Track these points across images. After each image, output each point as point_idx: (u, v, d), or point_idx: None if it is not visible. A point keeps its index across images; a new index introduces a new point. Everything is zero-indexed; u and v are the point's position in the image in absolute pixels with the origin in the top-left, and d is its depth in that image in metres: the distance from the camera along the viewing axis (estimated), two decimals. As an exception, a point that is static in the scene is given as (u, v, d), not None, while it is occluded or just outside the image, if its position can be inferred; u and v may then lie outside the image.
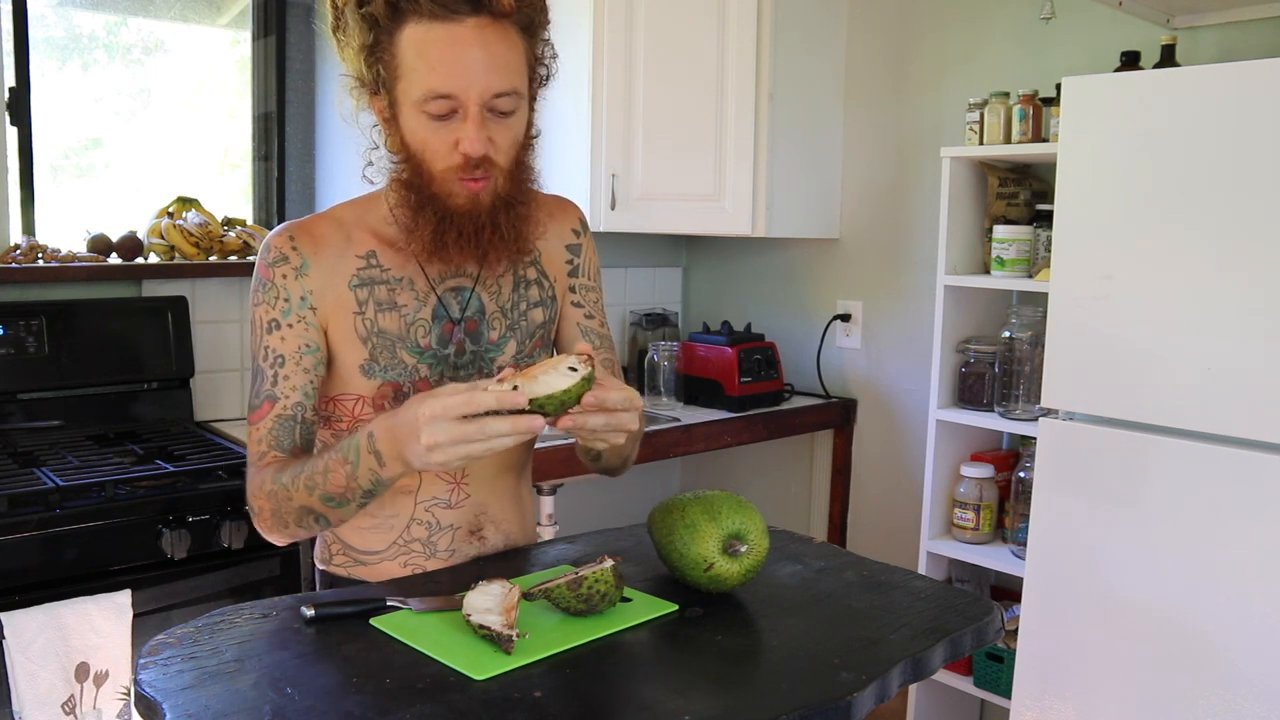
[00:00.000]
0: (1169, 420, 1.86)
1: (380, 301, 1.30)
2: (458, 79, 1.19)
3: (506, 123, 1.24)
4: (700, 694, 1.00)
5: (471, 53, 1.19)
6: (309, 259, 1.28)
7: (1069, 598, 2.00)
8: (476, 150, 1.21)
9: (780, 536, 1.44)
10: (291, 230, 1.30)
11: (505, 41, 1.21)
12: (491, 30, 1.20)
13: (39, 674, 1.78)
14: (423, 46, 1.19)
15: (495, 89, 1.20)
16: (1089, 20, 2.44)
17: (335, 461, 1.19)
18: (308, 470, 1.21)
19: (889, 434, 2.96)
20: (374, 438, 1.16)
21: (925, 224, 2.79)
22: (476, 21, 1.19)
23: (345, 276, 1.29)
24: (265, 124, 3.11)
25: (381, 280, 1.31)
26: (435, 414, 1.07)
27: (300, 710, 0.95)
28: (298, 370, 1.27)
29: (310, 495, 1.21)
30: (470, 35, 1.18)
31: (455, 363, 1.34)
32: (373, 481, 1.19)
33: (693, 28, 2.70)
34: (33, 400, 2.33)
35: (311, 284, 1.28)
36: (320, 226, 1.31)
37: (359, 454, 1.18)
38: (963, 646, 1.17)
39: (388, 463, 1.16)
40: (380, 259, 1.31)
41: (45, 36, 2.71)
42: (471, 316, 1.35)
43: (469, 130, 1.20)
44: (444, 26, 1.18)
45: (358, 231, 1.32)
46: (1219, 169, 1.78)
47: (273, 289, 1.28)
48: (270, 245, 1.29)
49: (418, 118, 1.22)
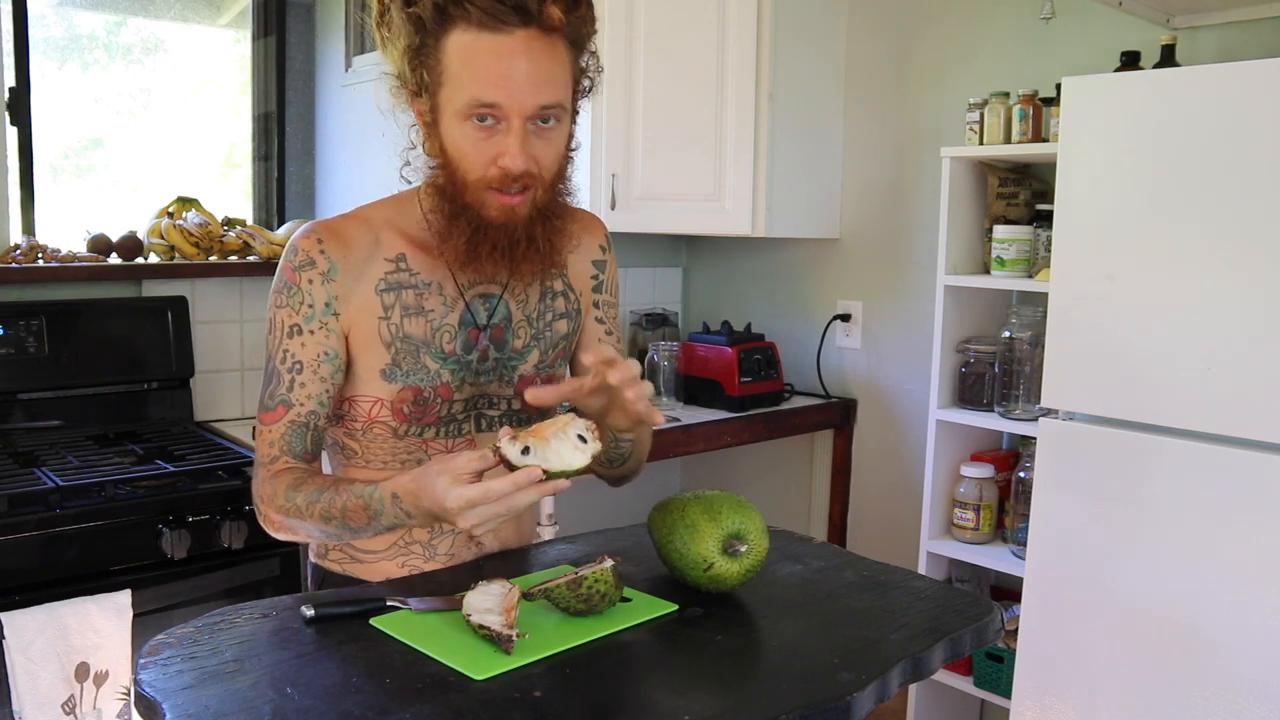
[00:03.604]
0: (1169, 420, 1.86)
1: (407, 306, 1.29)
2: (502, 91, 1.17)
3: (549, 136, 1.23)
4: (700, 694, 1.00)
5: (518, 65, 1.17)
6: (337, 263, 1.27)
7: (1069, 598, 2.00)
8: (518, 166, 1.20)
9: (780, 536, 1.44)
10: (319, 233, 1.28)
11: (552, 55, 1.20)
12: (540, 43, 1.18)
13: (39, 674, 1.78)
14: (469, 55, 1.17)
15: (540, 102, 1.19)
16: (1089, 20, 2.44)
17: (355, 507, 1.19)
18: (323, 503, 1.21)
19: (889, 434, 2.96)
20: (399, 499, 1.16)
21: (925, 224, 2.79)
22: (526, 34, 1.17)
23: (372, 281, 1.28)
24: (265, 124, 3.11)
25: (410, 284, 1.30)
26: (462, 507, 1.08)
27: (300, 710, 0.95)
28: (314, 379, 1.27)
29: (326, 523, 1.22)
30: (518, 47, 1.17)
31: (478, 369, 1.34)
32: (398, 524, 1.20)
33: (693, 28, 2.70)
34: (33, 400, 2.33)
35: (337, 289, 1.27)
36: (349, 228, 1.29)
37: (384, 505, 1.17)
38: (963, 646, 1.17)
39: (418, 518, 1.17)
40: (410, 262, 1.30)
41: (45, 36, 2.71)
42: (498, 324, 1.35)
43: (511, 145, 1.19)
44: (492, 37, 1.16)
45: (387, 233, 1.30)
46: (1219, 169, 1.78)
47: (297, 293, 1.26)
48: (297, 247, 1.27)
49: (459, 126, 1.20)
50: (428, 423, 1.32)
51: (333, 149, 3.21)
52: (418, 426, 1.31)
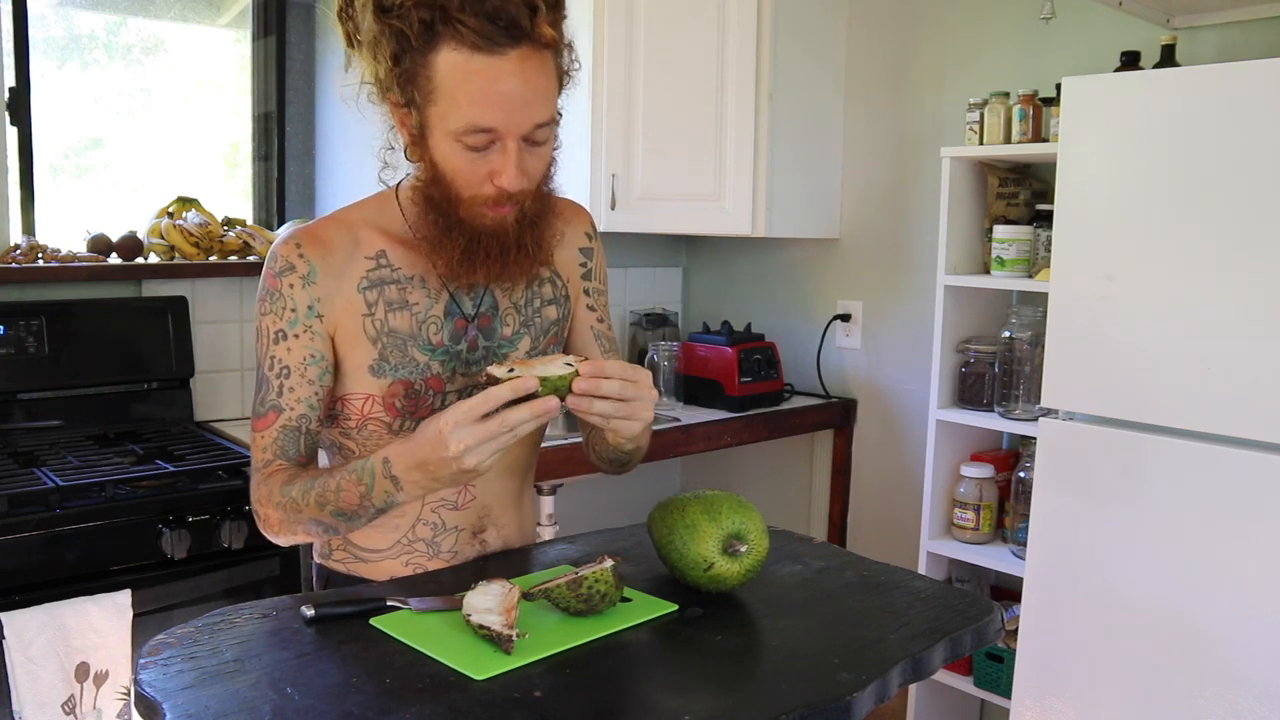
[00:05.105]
0: (1169, 420, 1.86)
1: (390, 301, 1.30)
2: (499, 114, 1.16)
3: (540, 150, 1.23)
4: (700, 694, 1.00)
5: (513, 86, 1.16)
6: (316, 265, 1.27)
7: (1069, 598, 2.00)
8: (516, 185, 1.20)
9: (780, 536, 1.44)
10: (298, 238, 1.29)
11: (543, 71, 1.19)
12: (532, 61, 1.17)
13: (39, 674, 1.78)
14: (462, 77, 1.15)
15: (536, 121, 1.19)
16: (1089, 20, 2.44)
17: (348, 482, 1.21)
18: (318, 487, 1.22)
19: (889, 434, 2.96)
20: (390, 464, 1.18)
21: (925, 224, 2.79)
22: (519, 53, 1.16)
23: (354, 280, 1.29)
24: (265, 124, 3.11)
25: (392, 280, 1.30)
26: (457, 420, 1.11)
27: (300, 710, 0.95)
28: (303, 382, 1.28)
29: (321, 510, 1.23)
30: (512, 69, 1.15)
31: (468, 359, 1.34)
32: (386, 502, 1.21)
33: (693, 28, 2.70)
34: (33, 400, 2.33)
35: (319, 291, 1.27)
36: (327, 230, 1.30)
37: (374, 478, 1.19)
38: (963, 646, 1.17)
39: (405, 488, 1.18)
40: (390, 258, 1.31)
41: (45, 36, 2.71)
42: (485, 312, 1.35)
43: (508, 166, 1.19)
44: (486, 59, 1.15)
45: (366, 232, 1.31)
46: (1219, 169, 1.78)
47: (280, 299, 1.27)
48: (277, 254, 1.28)
49: (452, 145, 1.19)
50: (421, 416, 1.32)
51: (333, 149, 3.21)
52: (411, 420, 1.32)
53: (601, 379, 1.14)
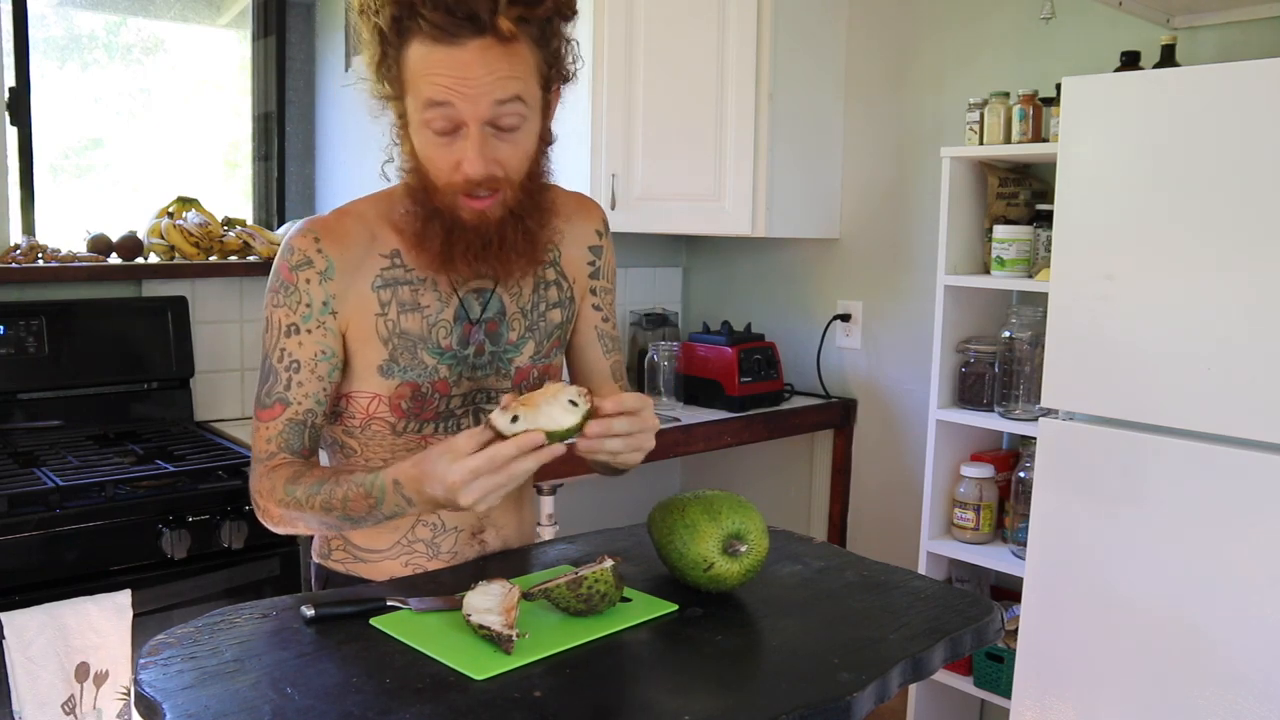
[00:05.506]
0: (1169, 420, 1.86)
1: (403, 302, 1.30)
2: (454, 92, 1.17)
3: (513, 138, 1.22)
4: (700, 694, 1.00)
5: (472, 71, 1.16)
6: (334, 261, 1.27)
7: (1069, 598, 2.00)
8: (477, 172, 1.20)
9: (780, 536, 1.44)
10: (316, 230, 1.28)
11: (509, 59, 1.18)
12: (495, 51, 1.17)
13: (39, 674, 1.78)
14: (424, 66, 1.17)
15: (494, 97, 1.18)
16: (1089, 20, 2.44)
17: (356, 495, 1.21)
18: (323, 494, 1.22)
19: (889, 434, 2.96)
20: (401, 485, 1.18)
21: (925, 224, 2.79)
22: (480, 44, 1.16)
23: (369, 277, 1.29)
24: (265, 124, 3.11)
25: (405, 281, 1.30)
26: (465, 479, 1.10)
27: (300, 710, 0.95)
28: (312, 377, 1.28)
29: (327, 514, 1.23)
30: (472, 57, 1.16)
31: (474, 363, 1.34)
32: (396, 513, 1.22)
33: (692, 28, 2.70)
34: (33, 400, 2.33)
35: (335, 288, 1.27)
36: (344, 224, 1.30)
37: (384, 493, 1.19)
38: (963, 646, 1.17)
39: (419, 505, 1.19)
40: (404, 259, 1.30)
41: (45, 36, 2.71)
42: (492, 318, 1.35)
43: (470, 151, 1.19)
44: (446, 50, 1.16)
45: (381, 228, 1.31)
46: (1219, 169, 1.78)
47: (294, 292, 1.27)
48: (293, 246, 1.27)
49: (422, 133, 1.21)
50: (426, 418, 1.32)
51: (333, 149, 3.21)
52: (416, 423, 1.32)
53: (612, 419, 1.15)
